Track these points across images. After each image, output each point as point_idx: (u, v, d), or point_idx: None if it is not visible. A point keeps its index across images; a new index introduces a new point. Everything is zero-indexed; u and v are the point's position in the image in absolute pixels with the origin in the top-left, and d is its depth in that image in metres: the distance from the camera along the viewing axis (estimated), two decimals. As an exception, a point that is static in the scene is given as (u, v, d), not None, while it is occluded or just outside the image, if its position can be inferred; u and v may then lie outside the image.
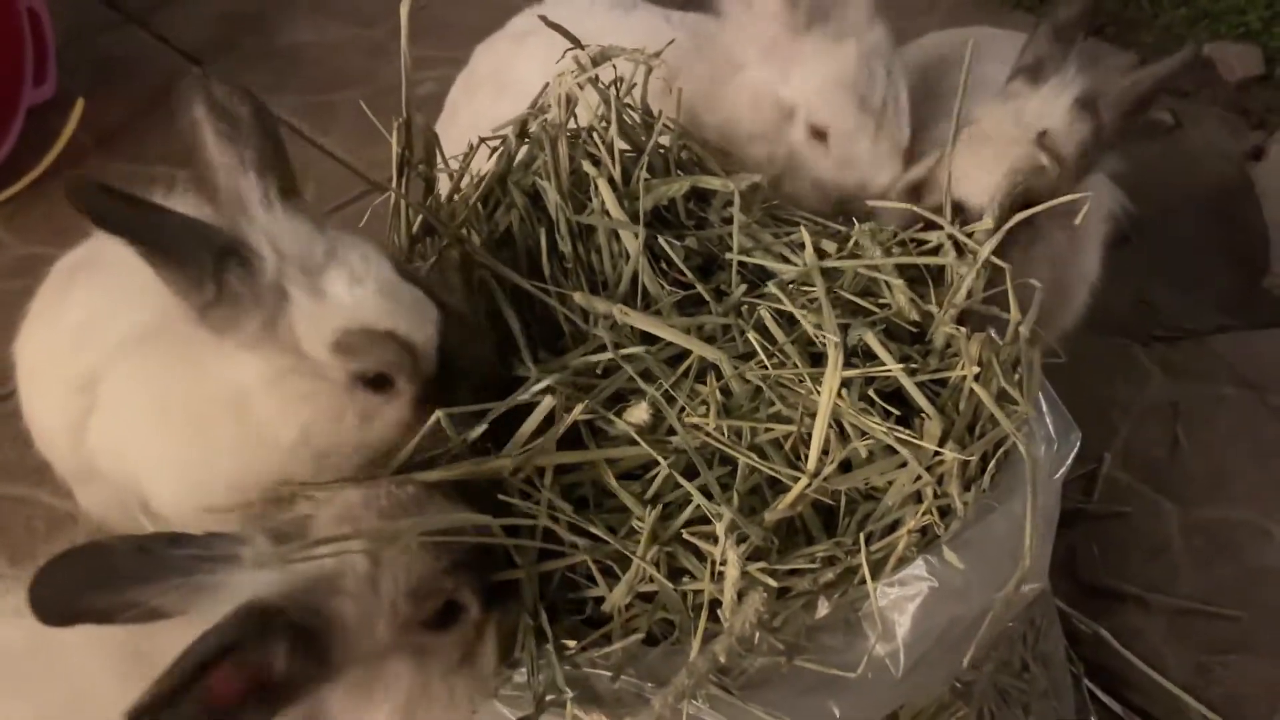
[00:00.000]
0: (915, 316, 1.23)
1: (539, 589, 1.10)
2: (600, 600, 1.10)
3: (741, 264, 1.31)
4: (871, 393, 1.15)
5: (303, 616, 0.91)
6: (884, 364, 1.17)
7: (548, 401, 1.11)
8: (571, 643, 1.06)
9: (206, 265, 1.00)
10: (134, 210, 0.99)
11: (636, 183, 1.29)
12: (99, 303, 1.25)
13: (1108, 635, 1.61)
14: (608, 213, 1.27)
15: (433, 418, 1.08)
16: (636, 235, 1.25)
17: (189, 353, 1.08)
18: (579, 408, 1.11)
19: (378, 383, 1.08)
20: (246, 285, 1.02)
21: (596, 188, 1.27)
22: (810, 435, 1.12)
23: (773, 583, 1.05)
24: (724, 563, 1.05)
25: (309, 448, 1.09)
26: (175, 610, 0.90)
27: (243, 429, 1.09)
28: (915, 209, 1.31)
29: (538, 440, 1.10)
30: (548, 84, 1.36)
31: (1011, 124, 1.37)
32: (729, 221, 1.32)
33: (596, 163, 1.29)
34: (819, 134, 1.50)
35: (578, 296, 1.24)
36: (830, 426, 1.12)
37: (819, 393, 1.13)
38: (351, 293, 1.04)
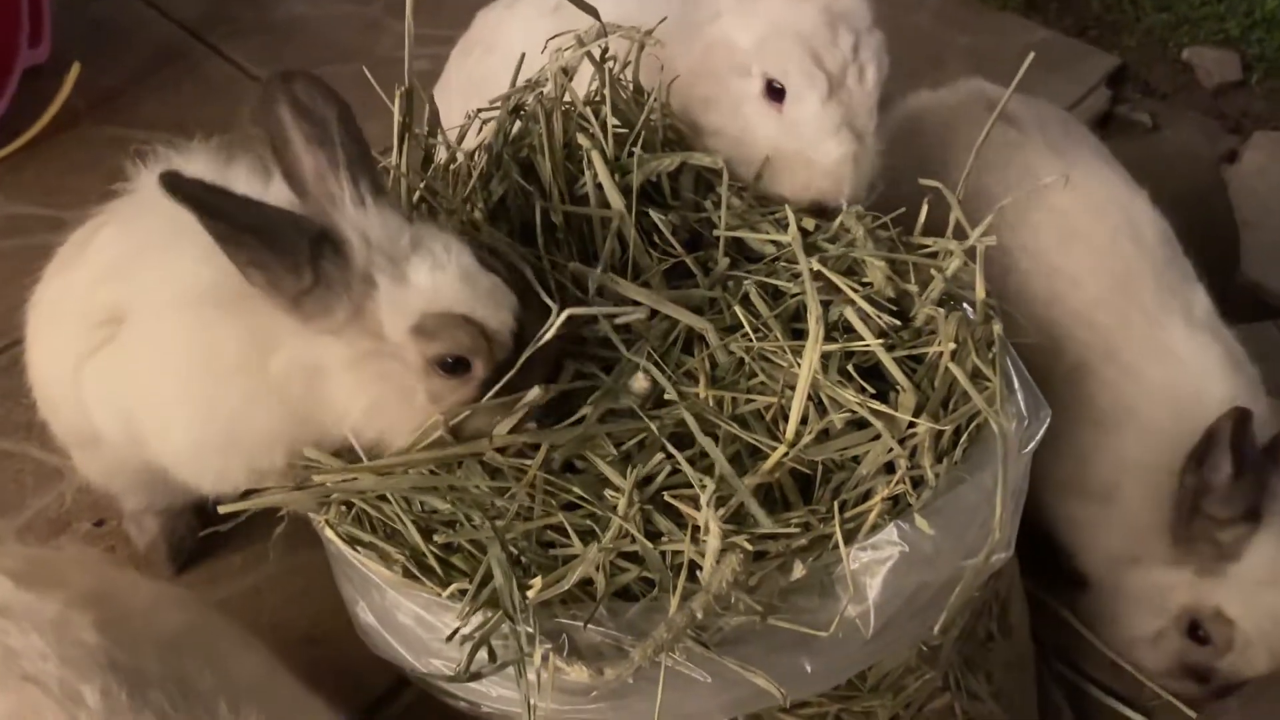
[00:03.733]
0: (891, 294, 1.27)
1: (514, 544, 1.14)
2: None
3: (728, 242, 1.35)
4: (850, 368, 1.19)
5: None
6: (862, 340, 1.22)
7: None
8: (535, 582, 1.09)
9: (304, 253, 1.04)
10: (233, 201, 1.02)
11: (628, 157, 1.33)
12: (131, 242, 1.24)
13: (1069, 615, 1.66)
14: (600, 185, 1.30)
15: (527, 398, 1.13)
16: (628, 207, 1.29)
17: (259, 326, 1.11)
18: (595, 402, 1.15)
19: (455, 367, 1.11)
20: (340, 272, 1.06)
21: (589, 161, 1.31)
22: (790, 407, 1.17)
23: (749, 546, 1.10)
24: (706, 531, 1.09)
25: (371, 426, 1.13)
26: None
27: (299, 402, 1.12)
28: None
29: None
30: (548, 55, 1.39)
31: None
32: (718, 204, 1.36)
33: (590, 137, 1.33)
34: (774, 93, 1.36)
35: (572, 266, 1.28)
36: (810, 399, 1.16)
37: (800, 365, 1.17)
38: (433, 278, 1.08)
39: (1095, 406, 1.53)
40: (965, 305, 1.30)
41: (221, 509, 1.11)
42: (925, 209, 1.36)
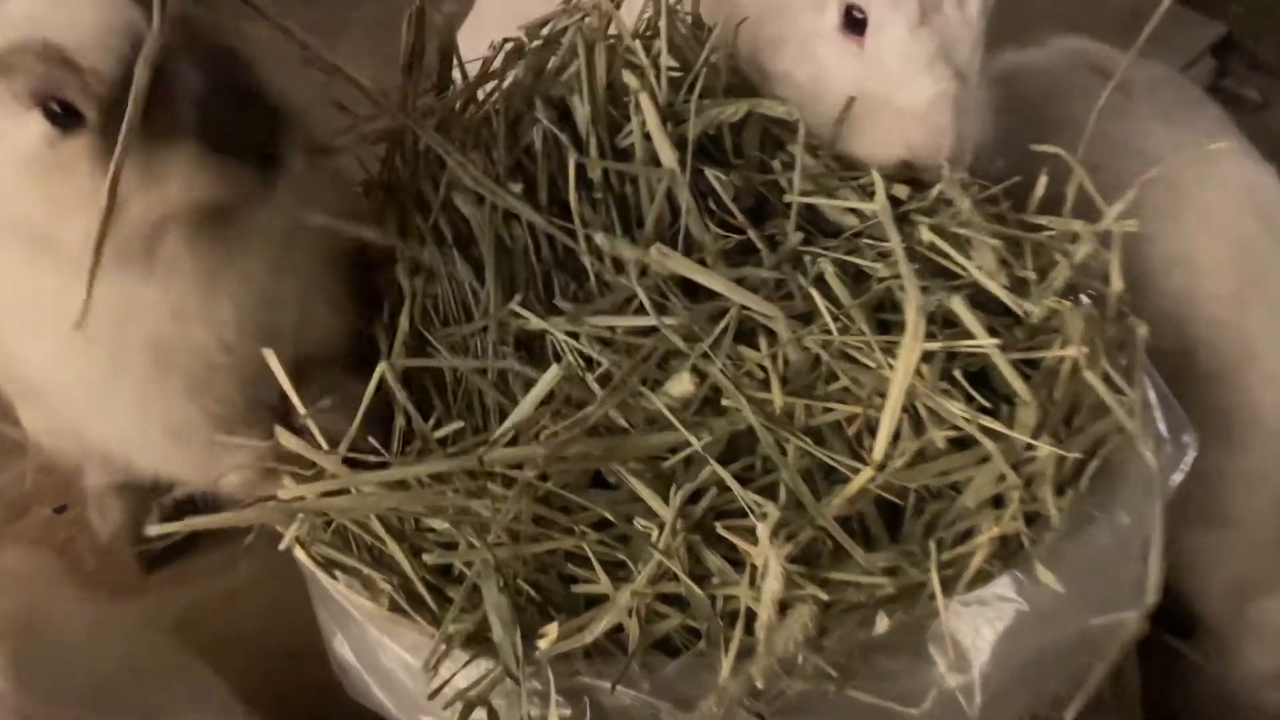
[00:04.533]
0: (1005, 281, 1.03)
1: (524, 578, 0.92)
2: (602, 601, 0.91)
3: (799, 212, 1.10)
4: (956, 372, 0.95)
5: None
6: (968, 337, 0.98)
7: (552, 374, 0.92)
8: (549, 630, 0.87)
9: None
10: None
11: (684, 103, 1.09)
12: None
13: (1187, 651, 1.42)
14: (649, 136, 1.06)
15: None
16: (682, 164, 1.05)
17: None
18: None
19: (64, 117, 0.84)
20: None
21: (637, 105, 1.07)
22: (878, 419, 0.93)
23: (823, 595, 0.87)
24: (763, 576, 0.86)
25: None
26: None
27: None
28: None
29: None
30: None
31: None
32: (789, 165, 1.12)
33: (639, 76, 1.09)
34: (854, 24, 1.11)
35: (599, 238, 1.04)
36: (904, 410, 0.92)
37: (891, 366, 0.94)
38: (20, 6, 0.84)
39: (1231, 420, 1.29)
40: (1083, 299, 1.06)
41: (150, 530, 0.89)
42: (1043, 181, 1.11)
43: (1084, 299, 1.06)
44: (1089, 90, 1.25)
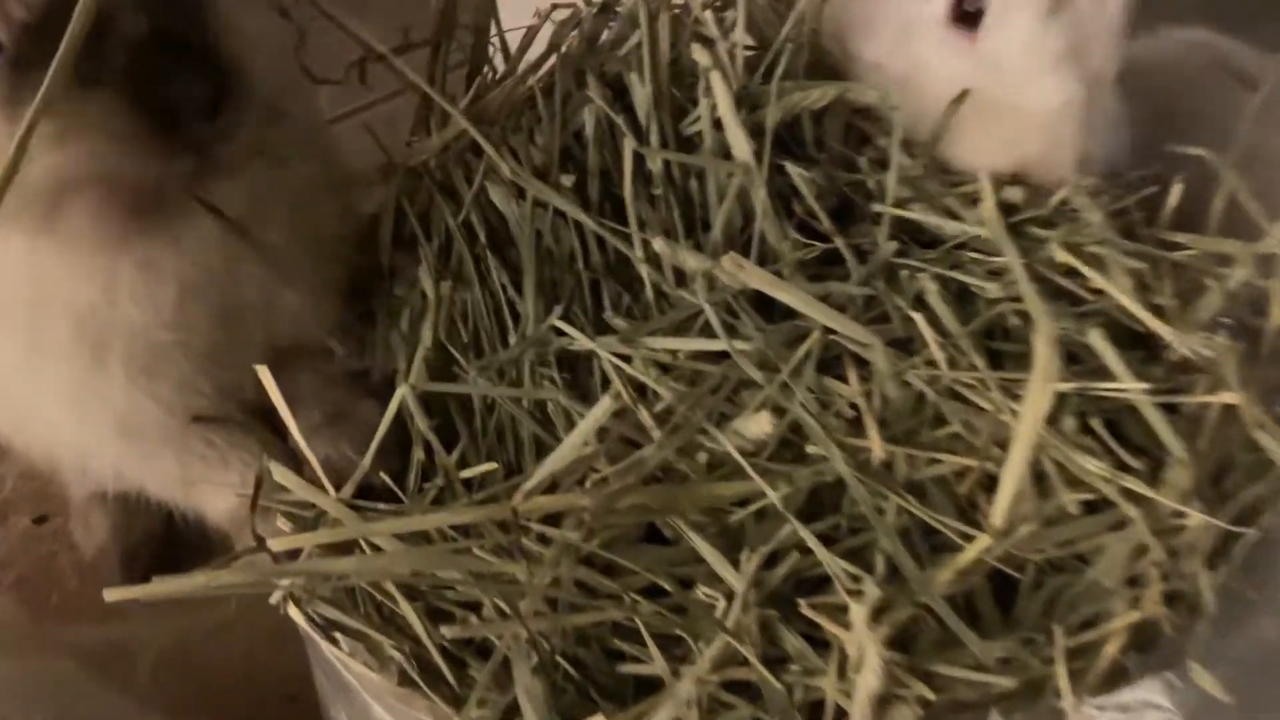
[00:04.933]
0: (1144, 314, 0.86)
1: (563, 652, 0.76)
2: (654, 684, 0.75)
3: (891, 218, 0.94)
4: (1095, 420, 0.79)
5: None
6: (1101, 375, 0.81)
7: (603, 408, 0.76)
8: None
9: None
10: None
11: (761, 85, 0.92)
12: None
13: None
14: (720, 123, 0.90)
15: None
16: (758, 156, 0.88)
17: None
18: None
19: None
20: None
21: (708, 87, 0.91)
22: (994, 473, 0.77)
23: (930, 694, 0.71)
24: (858, 667, 0.70)
25: None
26: None
27: None
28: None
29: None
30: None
31: None
32: (879, 163, 0.95)
33: (710, 52, 0.92)
34: (966, 16, 0.94)
35: (658, 243, 0.88)
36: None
37: (1014, 411, 0.78)
38: None
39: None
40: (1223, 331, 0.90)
41: (108, 595, 0.73)
42: (1178, 190, 0.94)
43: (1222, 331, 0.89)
44: (1219, 88, 1.08)
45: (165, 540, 1.31)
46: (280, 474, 0.77)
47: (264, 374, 0.79)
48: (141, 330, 0.80)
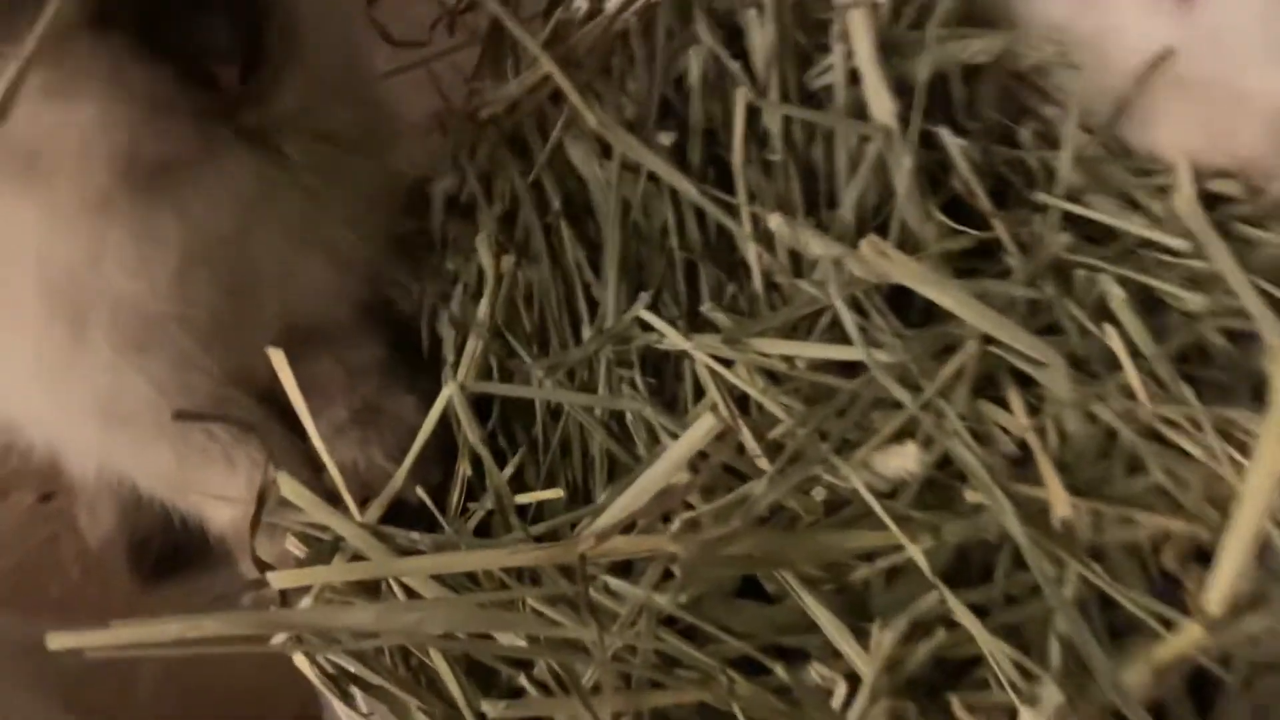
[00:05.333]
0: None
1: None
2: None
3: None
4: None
5: None
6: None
7: (707, 424, 0.58)
8: None
9: None
10: None
11: (910, 29, 0.75)
12: None
13: None
14: (855, 75, 0.72)
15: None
16: (903, 118, 0.71)
17: None
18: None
19: None
20: None
21: (843, 31, 0.73)
22: (1207, 541, 0.59)
23: (1127, 834, 0.53)
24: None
25: None
26: None
27: None
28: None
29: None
30: None
31: None
32: (1045, 139, 0.77)
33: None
34: None
35: (774, 220, 0.71)
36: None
37: (1235, 460, 0.60)
38: None
39: None
40: None
41: (50, 642, 0.58)
42: None
43: None
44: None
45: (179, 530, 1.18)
46: (289, 487, 0.61)
47: (276, 357, 0.64)
48: (131, 299, 0.65)
